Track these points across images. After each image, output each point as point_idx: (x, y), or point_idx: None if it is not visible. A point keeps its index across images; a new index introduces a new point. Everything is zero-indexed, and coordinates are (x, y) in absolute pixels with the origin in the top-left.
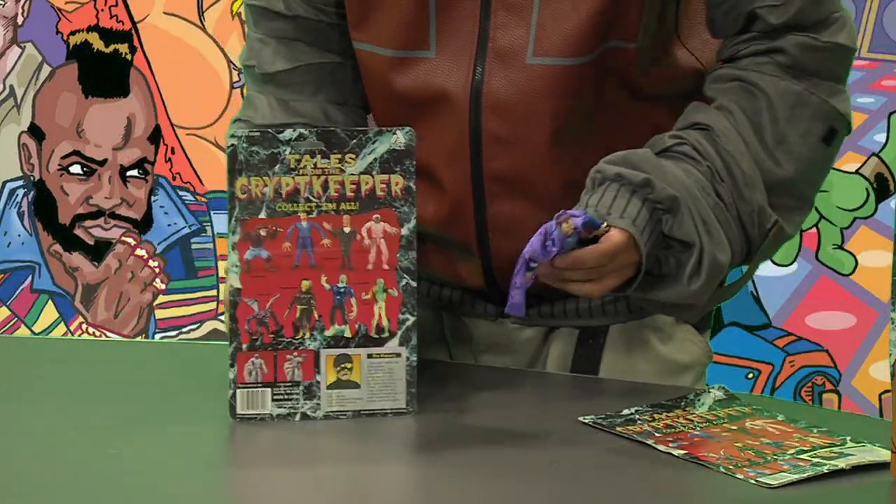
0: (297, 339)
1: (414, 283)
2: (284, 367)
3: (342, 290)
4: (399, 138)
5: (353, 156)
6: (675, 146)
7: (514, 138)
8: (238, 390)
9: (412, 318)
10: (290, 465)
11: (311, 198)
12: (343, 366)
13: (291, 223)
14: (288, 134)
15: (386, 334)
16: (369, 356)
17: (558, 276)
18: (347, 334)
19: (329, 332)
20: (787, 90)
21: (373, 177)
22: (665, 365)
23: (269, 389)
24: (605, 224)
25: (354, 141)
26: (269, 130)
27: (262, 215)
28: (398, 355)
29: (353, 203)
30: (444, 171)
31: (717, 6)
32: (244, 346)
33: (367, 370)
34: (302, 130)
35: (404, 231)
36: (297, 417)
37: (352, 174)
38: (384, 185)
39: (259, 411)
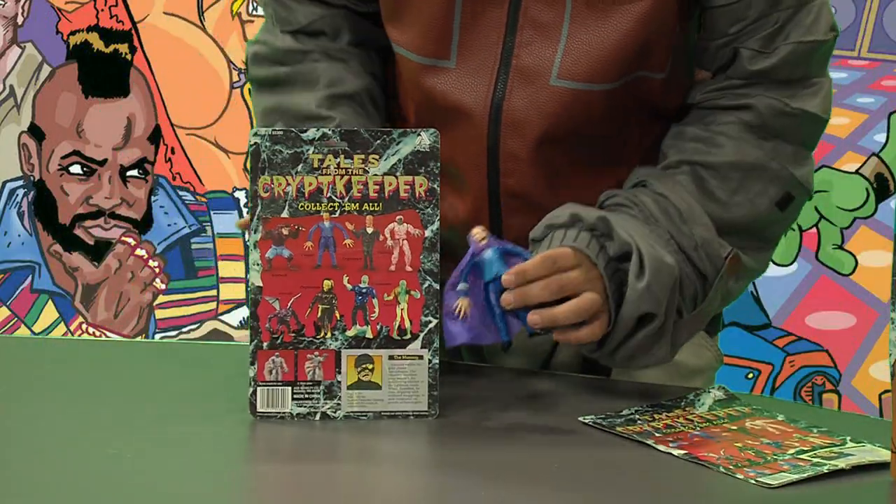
0: (318, 339)
1: (437, 286)
2: (305, 367)
3: (364, 290)
4: (423, 140)
5: (377, 156)
6: (607, 200)
7: (532, 158)
8: (258, 388)
9: (434, 321)
10: (301, 463)
11: (334, 198)
12: (364, 366)
13: (314, 222)
14: (311, 133)
15: (408, 336)
16: (391, 357)
17: (522, 299)
18: (369, 335)
19: (350, 333)
20: (747, 153)
21: (396, 178)
22: (677, 369)
23: (290, 388)
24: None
25: (378, 142)
26: (293, 130)
27: (285, 214)
28: (420, 357)
29: (376, 204)
30: (464, 178)
31: (713, 40)
32: (265, 345)
33: (388, 372)
34: (325, 130)
35: (427, 233)
36: (317, 417)
37: (375, 175)
38: (408, 187)
39: (279, 410)
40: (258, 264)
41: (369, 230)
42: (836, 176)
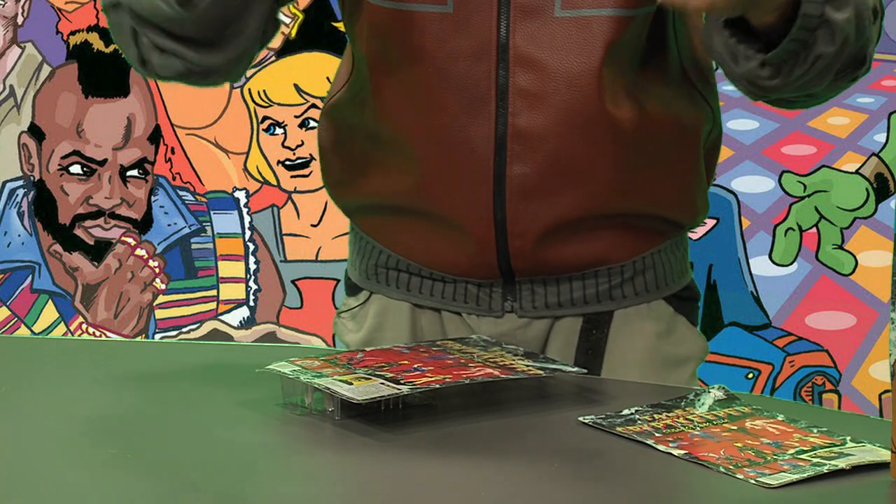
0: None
1: None
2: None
3: None
4: None
5: None
6: None
7: (543, 93)
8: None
9: None
10: (299, 459)
11: None
12: None
13: None
14: None
15: None
16: None
17: None
18: None
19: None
20: None
21: None
22: (666, 357)
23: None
24: None
25: None
26: None
27: None
28: None
29: None
30: (466, 130)
31: None
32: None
33: None
34: None
35: None
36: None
37: None
38: None
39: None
40: None
41: None
42: (836, 176)
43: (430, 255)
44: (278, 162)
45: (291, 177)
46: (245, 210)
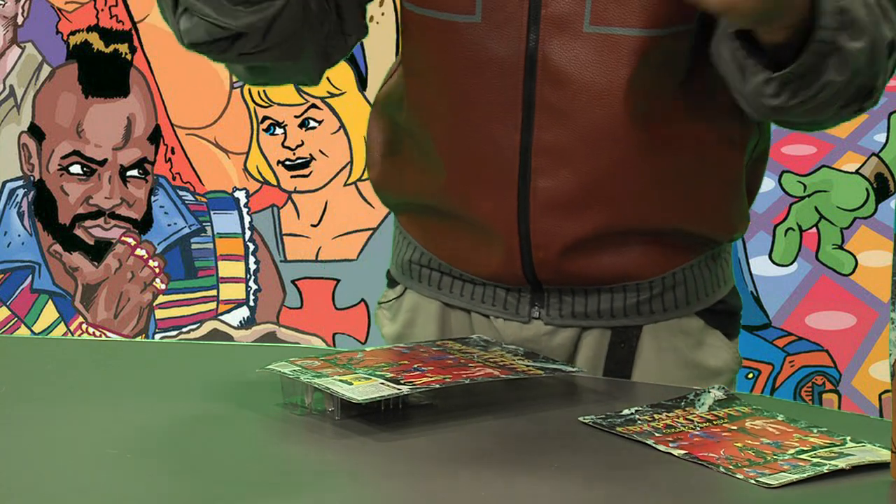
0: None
1: None
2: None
3: None
4: None
5: None
6: None
7: (569, 109)
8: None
9: None
10: (299, 459)
11: None
12: None
13: None
14: None
15: None
16: None
17: None
18: None
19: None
20: None
21: None
22: (696, 371)
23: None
24: None
25: None
26: None
27: None
28: None
29: None
30: (492, 140)
31: None
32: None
33: None
34: None
35: None
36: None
37: None
38: None
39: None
40: None
41: None
42: (836, 176)
43: (461, 257)
44: (278, 162)
45: (291, 177)
46: (245, 210)
